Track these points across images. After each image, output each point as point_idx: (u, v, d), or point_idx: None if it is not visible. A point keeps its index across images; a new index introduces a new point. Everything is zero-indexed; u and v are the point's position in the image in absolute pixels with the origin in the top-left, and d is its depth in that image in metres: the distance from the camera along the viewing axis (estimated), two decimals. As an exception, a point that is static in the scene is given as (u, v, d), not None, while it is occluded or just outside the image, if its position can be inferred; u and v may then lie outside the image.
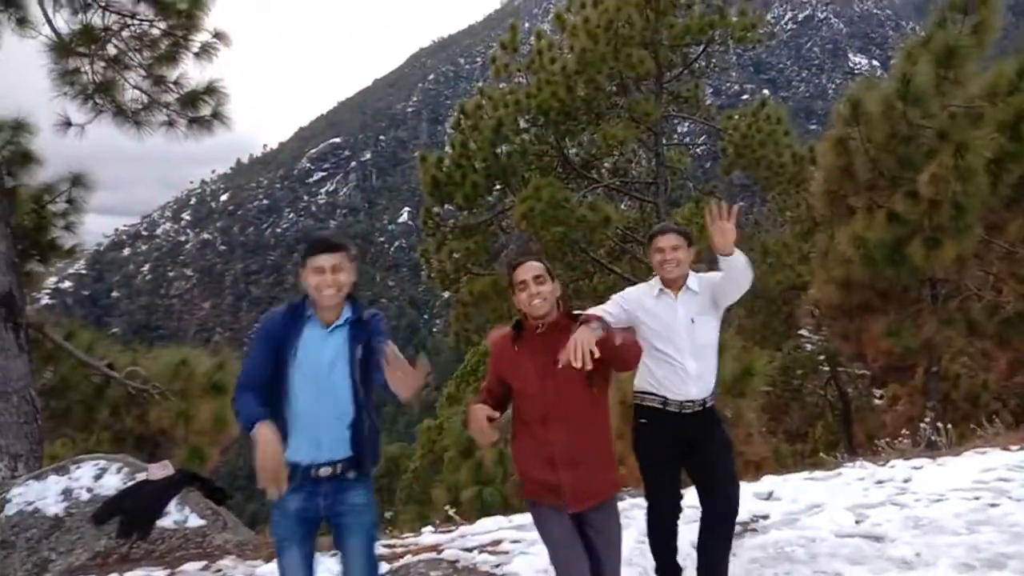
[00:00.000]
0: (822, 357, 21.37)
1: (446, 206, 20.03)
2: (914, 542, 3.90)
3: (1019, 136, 8.39)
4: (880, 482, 5.05)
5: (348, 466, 3.01)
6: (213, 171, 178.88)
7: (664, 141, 19.86)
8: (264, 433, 2.76)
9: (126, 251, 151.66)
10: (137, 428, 9.33)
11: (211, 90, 9.61)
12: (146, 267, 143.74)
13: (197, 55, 9.77)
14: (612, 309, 3.57)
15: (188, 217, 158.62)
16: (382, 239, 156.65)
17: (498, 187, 19.85)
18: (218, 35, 9.65)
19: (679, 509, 3.72)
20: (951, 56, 8.92)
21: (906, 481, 4.97)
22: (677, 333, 3.54)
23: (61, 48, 9.10)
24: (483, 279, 19.57)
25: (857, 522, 4.33)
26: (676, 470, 3.66)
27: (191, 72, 9.92)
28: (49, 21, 8.83)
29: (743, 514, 4.67)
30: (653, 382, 3.60)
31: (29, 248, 9.83)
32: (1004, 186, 8.66)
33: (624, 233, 20.11)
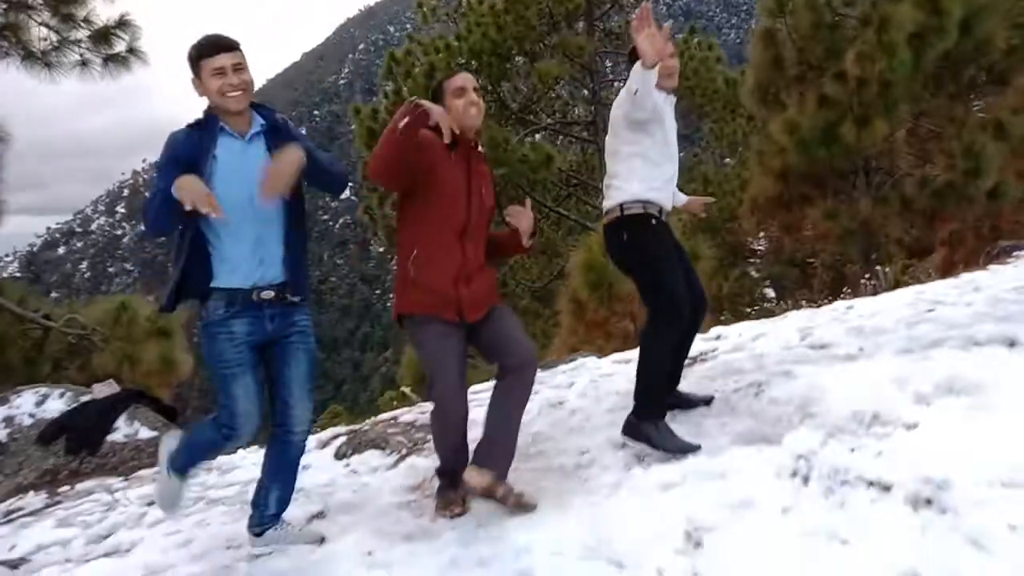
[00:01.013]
0: (768, 283, 21.88)
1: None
2: (857, 343, 4.01)
3: (937, 10, 8.56)
4: (823, 312, 5.20)
5: (288, 288, 2.92)
6: (144, 160, 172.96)
7: (599, 79, 19.86)
8: (183, 178, 2.60)
9: (61, 250, 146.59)
10: (81, 378, 9.07)
11: (124, 23, 9.26)
12: (84, 264, 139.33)
13: (106, -10, 9.39)
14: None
15: (123, 210, 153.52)
16: (326, 217, 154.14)
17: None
18: (125, -34, 9.29)
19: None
20: (870, -60, 9.03)
21: (848, 308, 5.12)
22: (672, 135, 3.55)
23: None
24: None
25: (802, 338, 4.44)
26: None
27: (100, 10, 9.54)
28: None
29: (691, 351, 4.76)
30: (656, 188, 3.44)
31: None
32: (927, 62, 8.85)
33: (568, 176, 20.07)
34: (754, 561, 2.35)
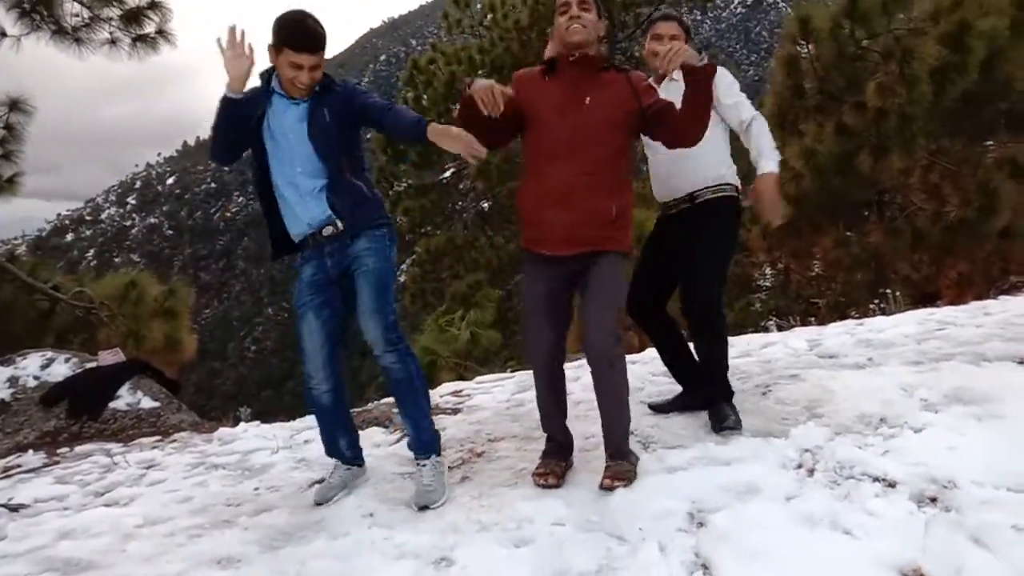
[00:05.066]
0: (772, 316, 21.87)
1: (402, 166, 19.80)
2: (866, 354, 4.02)
3: (962, 48, 8.59)
4: (832, 327, 5.21)
5: (340, 222, 3.03)
6: (159, 154, 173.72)
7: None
8: None
9: (69, 236, 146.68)
10: (84, 352, 9.09)
11: (155, 4, 9.33)
12: (91, 253, 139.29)
13: (139, -30, 9.48)
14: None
15: (134, 201, 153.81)
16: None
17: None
18: (160, -51, 9.37)
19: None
20: (897, -25, 9.09)
21: (858, 324, 5.13)
22: None
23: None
24: (439, 236, 19.41)
25: (810, 348, 4.45)
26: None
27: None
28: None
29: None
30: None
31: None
32: (948, 99, 8.86)
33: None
34: (757, 543, 2.34)
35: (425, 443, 3.07)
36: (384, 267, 3.02)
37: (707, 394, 3.37)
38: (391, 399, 5.23)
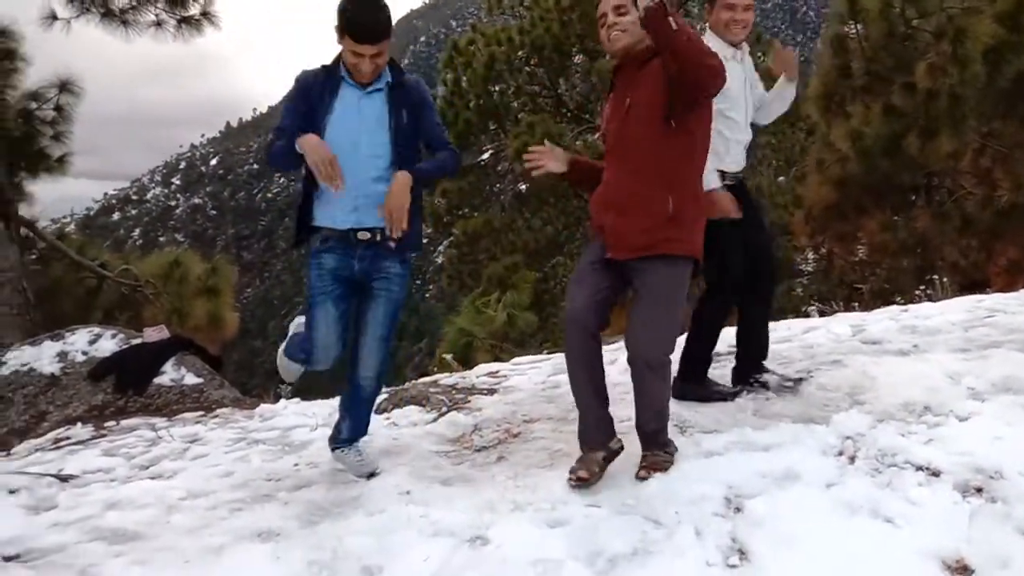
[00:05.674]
0: (813, 301, 21.52)
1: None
2: (911, 340, 3.94)
3: (1019, 27, 8.30)
4: (876, 313, 5.11)
5: (386, 235, 2.99)
6: (202, 135, 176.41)
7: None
8: (308, 137, 2.80)
9: (116, 216, 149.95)
10: (130, 328, 9.32)
11: (199, -13, 9.44)
12: (136, 232, 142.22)
13: (185, -46, 9.59)
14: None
15: (178, 181, 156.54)
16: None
17: (493, 127, 19.60)
18: (206, -68, 9.47)
19: None
20: (951, -49, 8.80)
21: (903, 311, 5.02)
22: (743, 95, 3.34)
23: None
24: (476, 219, 19.39)
25: (854, 334, 4.37)
26: None
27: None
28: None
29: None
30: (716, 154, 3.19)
31: (17, 159, 9.62)
32: (1003, 79, 8.57)
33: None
34: (794, 529, 2.32)
35: (359, 435, 3.26)
36: (403, 297, 3.10)
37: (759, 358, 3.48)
38: (428, 379, 5.29)
